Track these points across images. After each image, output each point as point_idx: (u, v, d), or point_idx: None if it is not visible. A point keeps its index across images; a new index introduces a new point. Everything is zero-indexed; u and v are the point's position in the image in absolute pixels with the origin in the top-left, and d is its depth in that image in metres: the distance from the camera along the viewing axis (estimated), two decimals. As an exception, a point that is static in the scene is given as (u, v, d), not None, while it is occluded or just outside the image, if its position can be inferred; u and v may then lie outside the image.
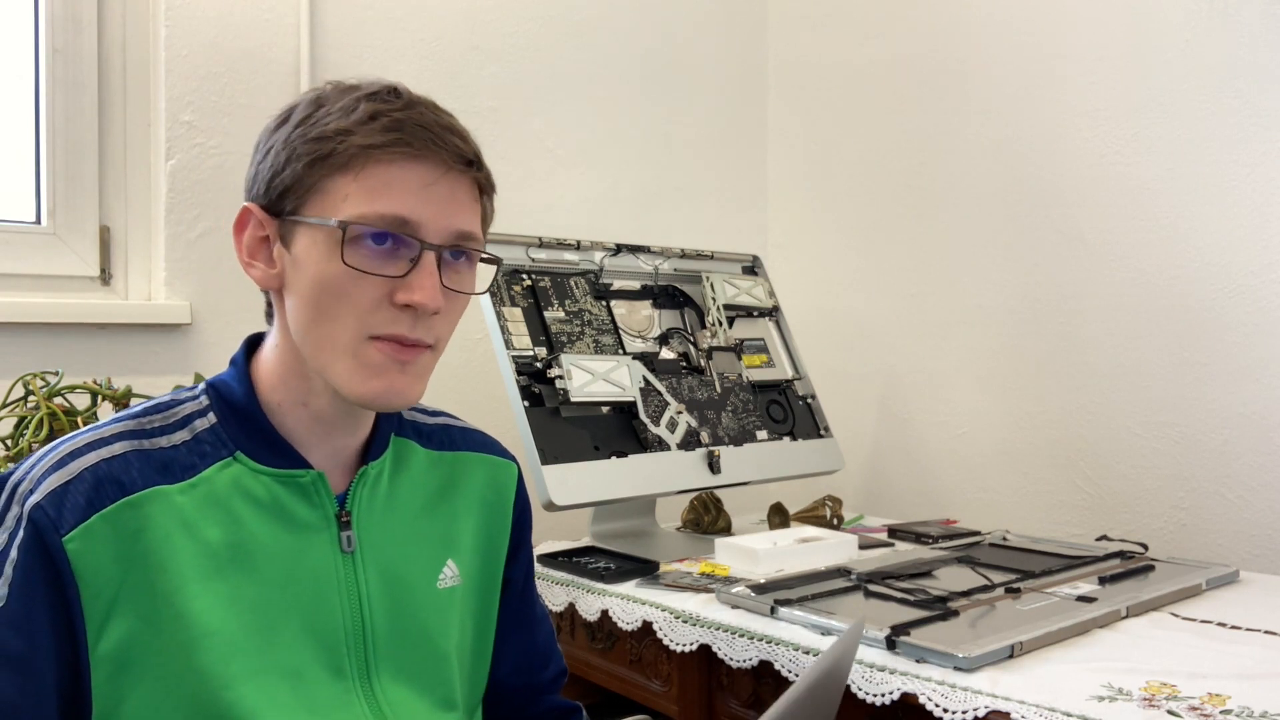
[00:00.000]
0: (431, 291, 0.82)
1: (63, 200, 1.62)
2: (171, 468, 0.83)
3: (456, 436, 1.02)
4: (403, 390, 0.84)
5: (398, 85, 0.86)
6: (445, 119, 0.85)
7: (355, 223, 0.80)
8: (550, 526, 1.80)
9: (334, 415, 0.88)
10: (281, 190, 0.83)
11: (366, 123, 0.81)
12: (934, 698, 1.07)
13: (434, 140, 0.82)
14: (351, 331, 0.82)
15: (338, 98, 0.84)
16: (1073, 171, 1.90)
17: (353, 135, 0.81)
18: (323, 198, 0.82)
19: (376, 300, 0.82)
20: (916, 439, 2.18)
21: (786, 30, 2.48)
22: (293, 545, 0.85)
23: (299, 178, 0.82)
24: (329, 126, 0.82)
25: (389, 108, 0.82)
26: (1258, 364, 1.67)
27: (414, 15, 1.93)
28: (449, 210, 0.84)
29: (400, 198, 0.81)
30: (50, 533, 0.76)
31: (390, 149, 0.81)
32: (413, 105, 0.84)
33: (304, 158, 0.82)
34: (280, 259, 0.85)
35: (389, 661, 0.89)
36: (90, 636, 0.77)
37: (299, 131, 0.83)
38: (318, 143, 0.82)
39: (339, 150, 0.81)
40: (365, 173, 0.81)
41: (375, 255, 0.82)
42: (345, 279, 0.81)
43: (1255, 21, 1.66)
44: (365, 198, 0.81)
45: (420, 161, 0.82)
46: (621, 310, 1.85)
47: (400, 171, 0.82)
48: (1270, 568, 1.63)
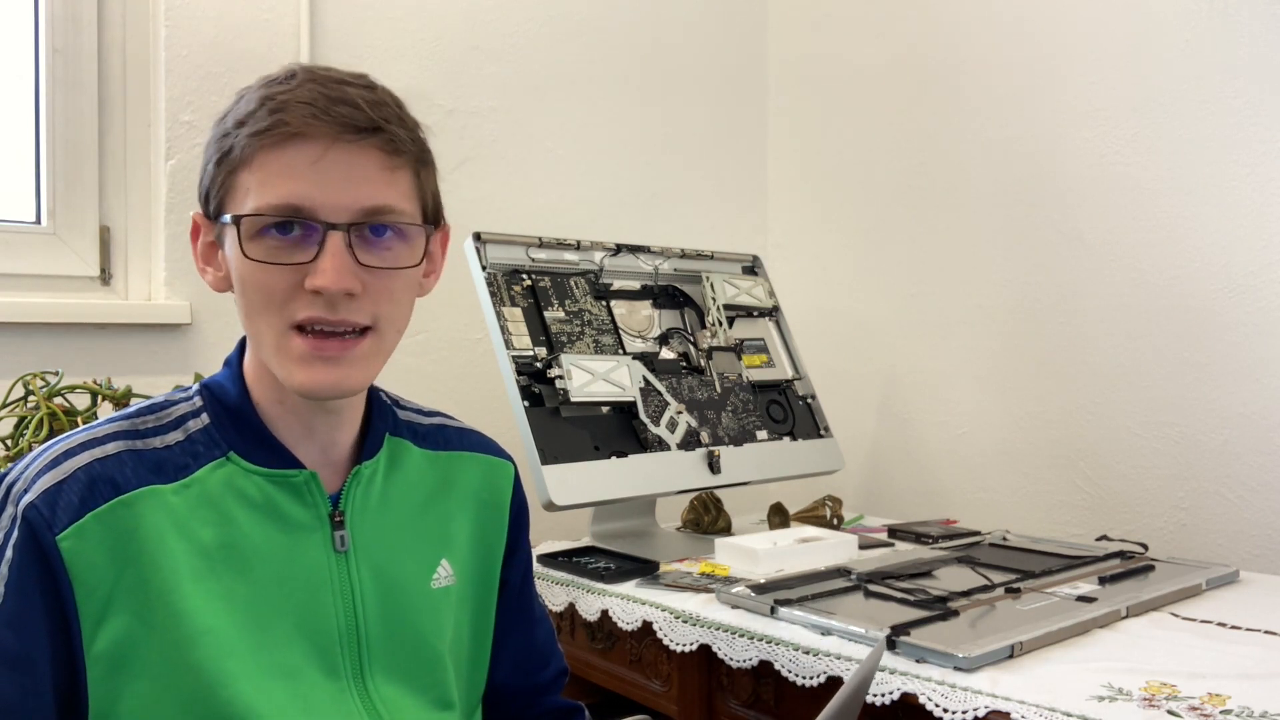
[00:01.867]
0: (335, 274, 0.79)
1: (63, 200, 1.62)
2: (165, 468, 0.83)
3: (452, 436, 1.02)
4: (336, 381, 0.82)
5: (298, 68, 0.83)
6: (337, 90, 0.80)
7: (249, 215, 0.80)
8: (550, 526, 1.80)
9: (306, 410, 0.88)
10: (206, 194, 0.85)
11: (255, 111, 0.80)
12: (934, 698, 1.07)
13: (316, 114, 0.79)
14: (274, 325, 0.82)
15: (245, 95, 0.83)
16: (1073, 171, 1.90)
17: (243, 128, 0.80)
18: (233, 196, 0.82)
19: (289, 289, 0.81)
20: (916, 439, 2.18)
21: (786, 30, 2.48)
22: (286, 545, 0.85)
23: (213, 179, 0.83)
24: (228, 123, 0.82)
25: (278, 90, 0.80)
26: (1258, 364, 1.67)
27: (414, 15, 1.93)
28: (347, 185, 0.80)
29: (288, 182, 0.79)
30: (44, 531, 0.77)
31: (272, 133, 0.79)
32: (305, 83, 0.80)
33: (214, 158, 0.83)
34: (224, 262, 0.86)
35: (382, 661, 0.89)
36: (85, 635, 0.77)
37: (214, 132, 0.84)
38: (221, 141, 0.82)
39: (235, 146, 0.80)
40: (256, 163, 0.80)
41: (280, 245, 0.80)
42: (255, 272, 0.81)
43: (1255, 21, 1.66)
44: (259, 189, 0.80)
45: (303, 139, 0.79)
46: (621, 310, 1.85)
47: (287, 154, 0.79)
48: (1270, 568, 1.63)
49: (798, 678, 1.22)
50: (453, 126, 1.95)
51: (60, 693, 0.78)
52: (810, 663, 1.21)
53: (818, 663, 1.20)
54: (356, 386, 0.85)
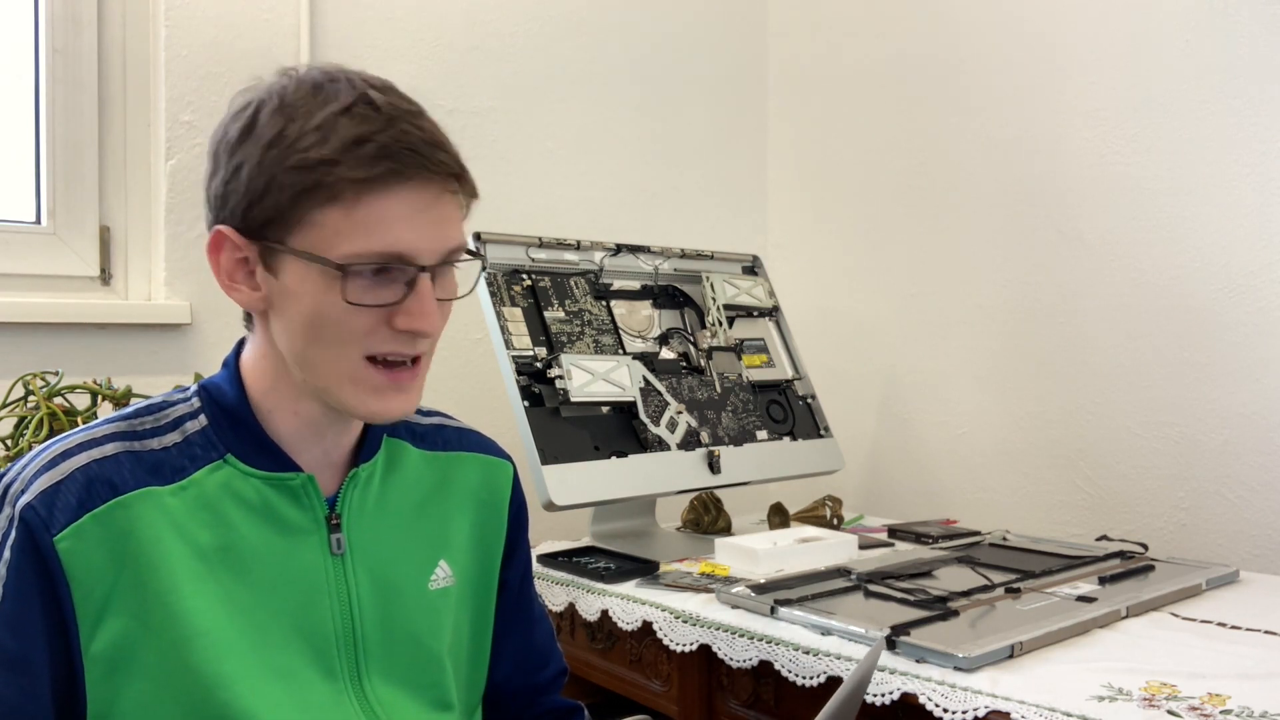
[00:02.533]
0: (431, 318, 0.82)
1: (63, 200, 1.62)
2: (162, 469, 0.82)
3: (451, 436, 1.02)
4: (403, 407, 0.85)
5: (371, 92, 0.80)
6: (429, 130, 0.81)
7: (356, 263, 0.78)
8: (550, 526, 1.80)
9: (324, 420, 0.88)
10: (264, 220, 0.80)
11: (351, 149, 0.77)
12: (934, 698, 1.07)
13: (425, 163, 0.79)
14: (350, 357, 0.82)
15: (307, 109, 0.79)
16: (1073, 171, 1.90)
17: (339, 166, 0.77)
18: (311, 229, 0.79)
19: (373, 325, 0.81)
20: (916, 439, 2.18)
21: (786, 31, 2.48)
22: (282, 548, 0.85)
23: (283, 210, 0.79)
24: (309, 154, 0.77)
25: (371, 128, 0.78)
26: (1258, 364, 1.67)
27: (414, 15, 1.93)
28: (442, 232, 0.82)
29: (397, 231, 0.79)
30: (41, 532, 0.76)
31: (382, 180, 0.78)
32: (394, 120, 0.79)
33: (288, 189, 0.78)
34: (265, 283, 0.83)
35: (380, 663, 0.89)
36: (83, 636, 0.77)
37: (274, 155, 0.78)
38: (300, 173, 0.77)
39: (326, 182, 0.77)
40: (358, 207, 0.78)
41: (372, 285, 0.80)
42: (344, 312, 0.80)
43: (1255, 21, 1.66)
44: (360, 234, 0.78)
45: (411, 186, 0.79)
46: (621, 310, 1.85)
47: (394, 201, 0.79)
48: (1270, 568, 1.63)
49: (798, 678, 1.22)
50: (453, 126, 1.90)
51: (58, 694, 0.78)
52: (810, 663, 1.21)
53: (818, 663, 1.20)
54: (413, 409, 0.88)
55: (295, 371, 0.84)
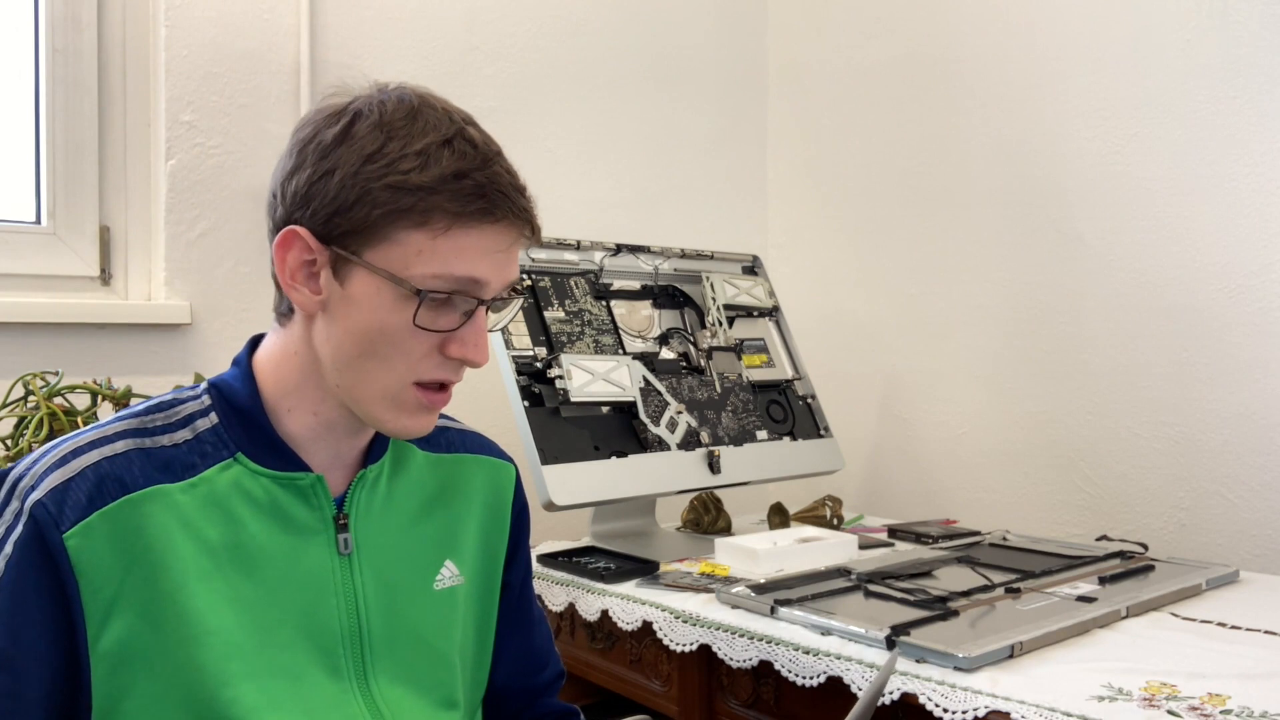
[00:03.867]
0: (484, 346, 0.85)
1: (63, 200, 1.62)
2: (173, 466, 0.83)
3: (455, 439, 1.02)
4: (428, 426, 0.89)
5: (465, 128, 0.83)
6: (514, 176, 0.85)
7: (433, 290, 0.81)
8: (550, 526, 1.80)
9: (343, 423, 0.89)
10: (346, 229, 0.81)
11: (450, 182, 0.80)
12: (934, 698, 1.07)
13: (513, 208, 0.83)
14: (398, 377, 0.84)
15: (407, 132, 0.81)
16: (1073, 171, 1.90)
17: (437, 195, 0.79)
18: (393, 247, 0.80)
19: (428, 350, 0.84)
20: (916, 439, 2.18)
21: (786, 30, 2.48)
22: (290, 547, 0.86)
23: (371, 224, 0.80)
24: (409, 178, 0.79)
25: (470, 166, 0.81)
26: (1258, 364, 1.67)
27: (414, 15, 1.93)
28: (509, 271, 0.86)
29: (474, 264, 0.82)
30: (51, 529, 0.77)
31: (475, 217, 0.81)
32: (488, 160, 0.82)
33: (381, 206, 0.79)
34: (328, 287, 0.83)
35: (385, 662, 0.89)
36: (90, 633, 0.77)
37: (371, 170, 0.80)
38: (396, 193, 0.79)
39: (420, 208, 0.79)
40: (445, 236, 0.80)
41: (432, 309, 0.82)
42: (406, 332, 0.82)
43: (1255, 21, 1.66)
44: (441, 261, 0.80)
45: (498, 228, 0.82)
46: (621, 310, 1.85)
47: (479, 238, 0.82)
48: (1270, 568, 1.63)
49: (798, 678, 1.22)
50: None
51: (57, 693, 0.78)
52: (810, 663, 1.21)
53: (818, 663, 1.20)
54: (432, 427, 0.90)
55: (332, 376, 0.85)
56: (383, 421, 0.86)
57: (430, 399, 0.86)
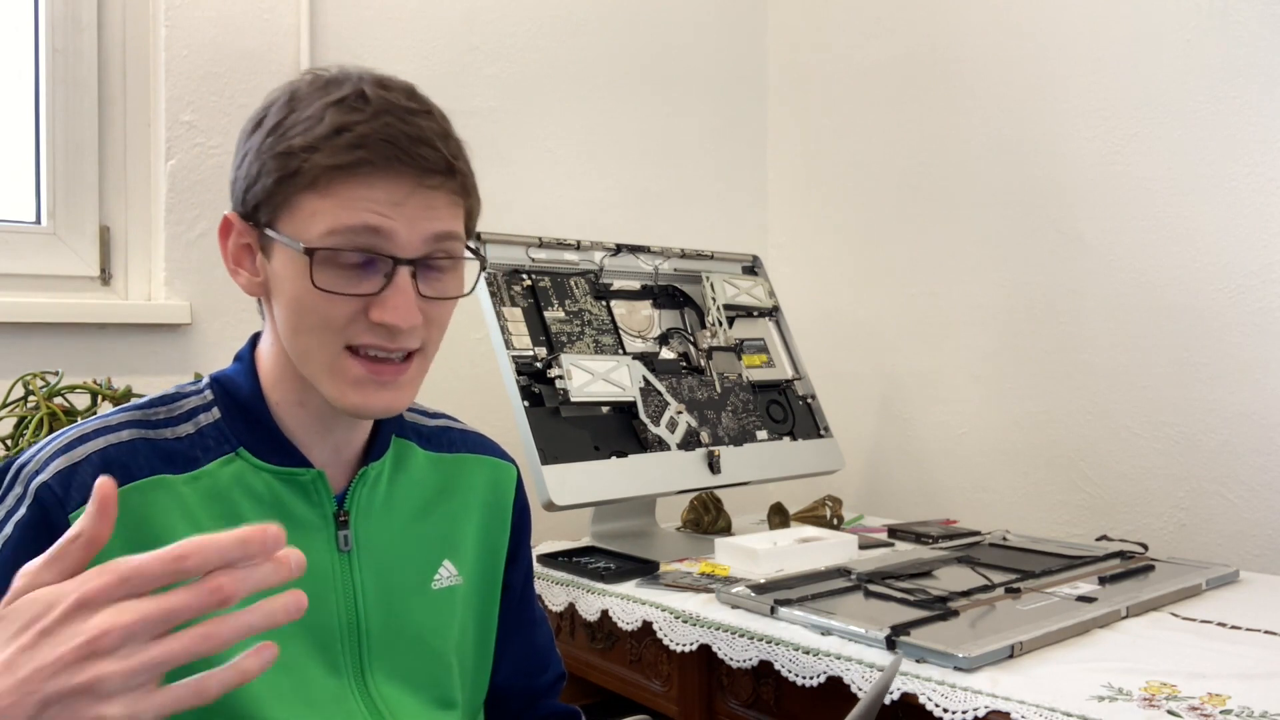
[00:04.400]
0: (405, 310, 0.81)
1: (63, 200, 1.62)
2: (176, 459, 0.83)
3: (456, 438, 1.02)
4: (388, 402, 0.84)
5: (368, 87, 0.81)
6: (415, 126, 0.81)
7: (322, 247, 0.79)
8: (550, 526, 1.80)
9: (330, 414, 0.88)
10: (256, 203, 0.82)
11: (331, 138, 0.78)
12: (934, 698, 1.07)
13: (400, 155, 0.79)
14: (329, 346, 0.82)
15: (308, 101, 0.81)
16: (1073, 171, 1.90)
17: (317, 153, 0.78)
18: (293, 214, 0.80)
19: (351, 316, 0.81)
20: (916, 439, 2.18)
21: (786, 30, 2.48)
22: (290, 543, 0.85)
23: (270, 193, 0.81)
24: (295, 141, 0.79)
25: (355, 119, 0.79)
26: (1258, 364, 1.67)
27: (414, 15, 1.93)
28: (422, 222, 0.81)
29: (366, 218, 0.79)
30: (56, 510, 0.77)
31: (355, 170, 0.78)
32: (379, 114, 0.80)
33: (273, 173, 0.80)
34: (263, 268, 0.85)
35: (383, 660, 0.89)
36: None
37: (269, 142, 0.81)
38: (284, 158, 0.80)
39: (304, 169, 0.79)
40: (331, 192, 0.79)
41: (348, 274, 0.80)
42: (318, 299, 0.80)
43: (1255, 21, 1.66)
44: (332, 218, 0.79)
45: (385, 177, 0.79)
46: (621, 310, 1.85)
47: (366, 190, 0.79)
48: (1270, 568, 1.63)
49: (798, 678, 1.22)
50: None
51: None
52: (810, 663, 1.21)
53: (818, 663, 1.20)
54: (405, 406, 0.87)
55: (292, 360, 0.85)
56: (334, 397, 0.83)
57: (374, 370, 0.82)
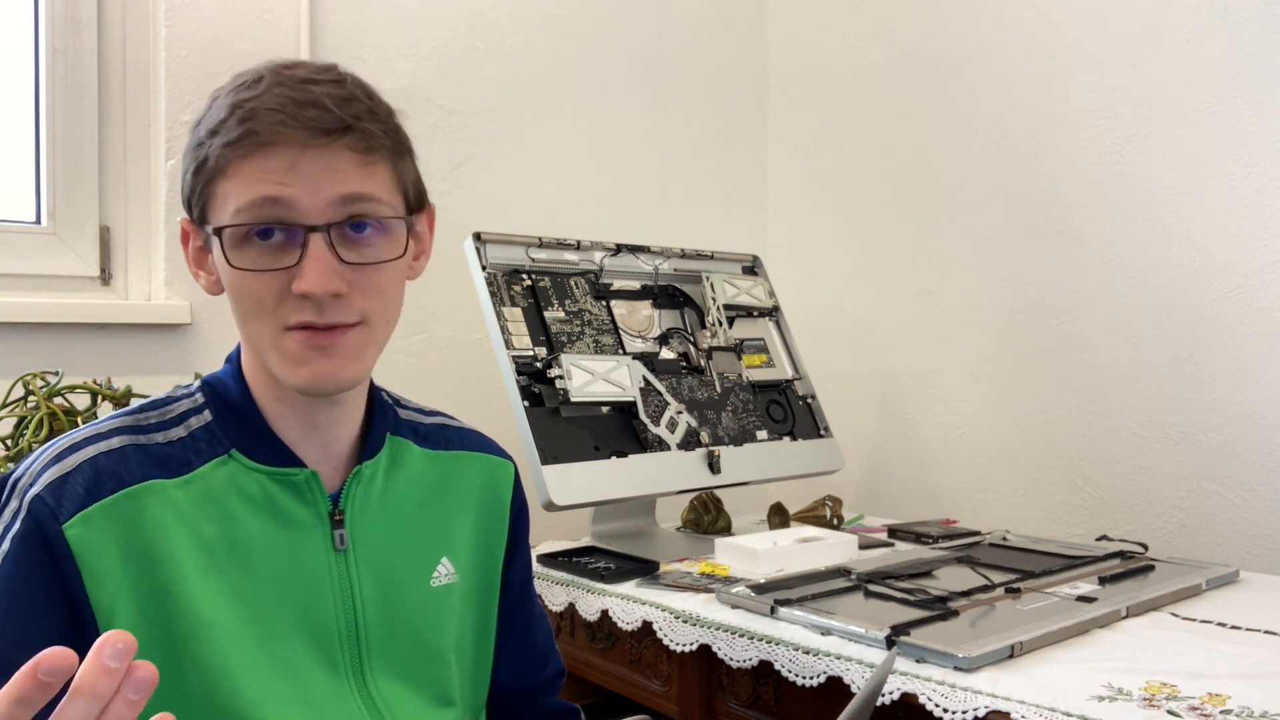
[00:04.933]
0: (320, 276, 0.79)
1: (63, 200, 1.62)
2: (168, 463, 0.83)
3: (453, 436, 1.02)
4: (333, 374, 0.82)
5: (269, 71, 0.81)
6: (304, 92, 0.79)
7: (230, 226, 0.80)
8: (550, 526, 1.80)
9: (308, 406, 0.88)
10: (188, 201, 0.84)
11: (226, 120, 0.79)
12: (934, 698, 1.07)
13: (285, 120, 0.78)
14: (268, 327, 0.82)
15: (216, 97, 0.83)
16: (1073, 171, 1.90)
17: (215, 137, 0.79)
18: (212, 204, 0.82)
19: (278, 293, 0.80)
20: (916, 439, 2.18)
21: (786, 30, 2.48)
22: (286, 543, 0.86)
23: (192, 188, 0.83)
24: (201, 131, 0.81)
25: (245, 97, 0.79)
26: (1258, 364, 1.67)
27: (414, 15, 1.93)
28: (323, 187, 0.79)
29: (263, 188, 0.78)
30: (49, 521, 0.77)
31: (244, 143, 0.78)
32: (272, 87, 0.79)
33: (190, 167, 0.82)
34: (213, 267, 0.86)
35: (382, 658, 0.89)
36: (101, 623, 0.77)
37: (190, 139, 0.84)
38: (196, 150, 0.82)
39: (210, 156, 0.80)
40: (231, 172, 0.79)
41: (264, 252, 0.80)
42: (242, 280, 0.81)
43: (1255, 21, 1.66)
44: (236, 196, 0.79)
45: (274, 146, 0.78)
46: (621, 310, 1.85)
47: (259, 162, 0.78)
48: (1270, 568, 1.63)
49: (798, 678, 1.22)
50: (453, 126, 1.95)
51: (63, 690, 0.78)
52: (810, 663, 1.21)
53: (818, 663, 1.20)
54: (354, 379, 0.84)
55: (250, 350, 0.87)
56: (285, 377, 0.83)
57: (311, 338, 0.81)
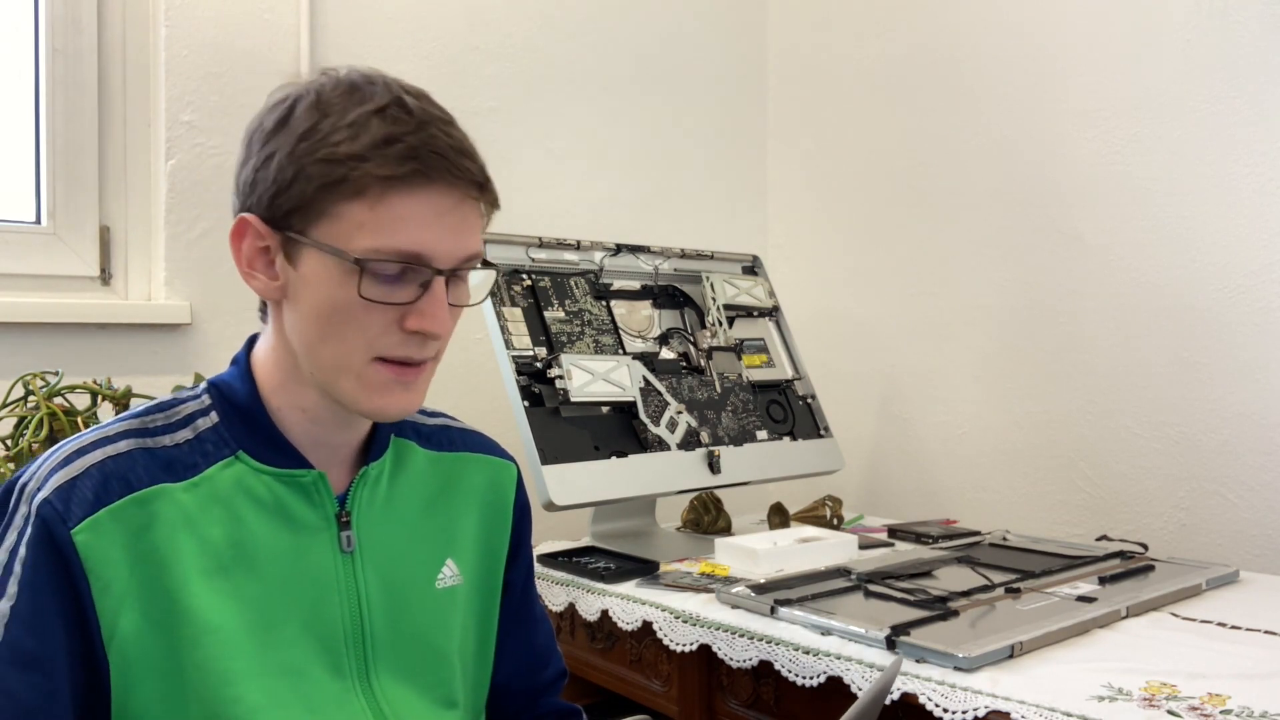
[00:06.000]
0: (442, 318, 0.83)
1: (63, 200, 1.62)
2: (174, 466, 0.83)
3: (456, 437, 1.02)
4: (405, 404, 0.85)
5: (407, 97, 0.82)
6: (457, 138, 0.83)
7: (373, 259, 0.79)
8: (550, 526, 1.80)
9: (330, 418, 0.88)
10: (288, 209, 0.81)
11: (381, 148, 0.78)
12: (934, 698, 1.07)
13: (450, 168, 0.80)
14: (359, 354, 0.82)
15: (341, 107, 0.80)
16: (1073, 171, 1.90)
17: (367, 162, 0.78)
18: (334, 222, 0.80)
19: (386, 325, 0.82)
20: (916, 439, 2.18)
21: (786, 30, 2.48)
22: (293, 545, 0.86)
23: (309, 200, 0.80)
24: (339, 149, 0.79)
25: (402, 130, 0.79)
26: (1258, 364, 1.67)
27: (414, 15, 1.93)
28: (461, 238, 0.83)
29: (417, 231, 0.80)
30: (58, 526, 0.77)
31: (405, 181, 0.79)
32: (424, 125, 0.80)
33: (314, 180, 0.79)
34: (283, 272, 0.83)
35: (388, 661, 0.89)
36: (105, 629, 0.77)
37: (305, 147, 0.80)
38: (328, 165, 0.79)
39: (352, 177, 0.78)
40: (381, 204, 0.79)
41: (388, 284, 0.81)
42: (357, 307, 0.81)
43: (1255, 21, 1.66)
44: (381, 230, 0.79)
45: (435, 190, 0.80)
46: (621, 310, 1.85)
47: (416, 203, 0.80)
48: (1270, 568, 1.63)
49: (798, 678, 1.22)
50: None
51: (79, 691, 0.78)
52: (810, 663, 1.21)
53: (818, 663, 1.20)
54: (416, 408, 0.88)
55: (304, 364, 0.85)
56: (358, 403, 0.84)
57: (399, 373, 0.84)
